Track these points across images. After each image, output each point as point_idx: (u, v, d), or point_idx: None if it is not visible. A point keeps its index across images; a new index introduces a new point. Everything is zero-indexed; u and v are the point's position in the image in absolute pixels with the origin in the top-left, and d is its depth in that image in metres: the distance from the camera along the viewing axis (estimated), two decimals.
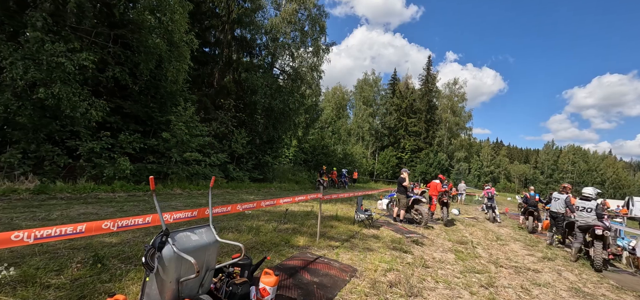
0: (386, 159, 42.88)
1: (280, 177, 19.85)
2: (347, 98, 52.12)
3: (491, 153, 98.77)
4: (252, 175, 16.50)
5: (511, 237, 8.93)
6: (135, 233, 4.72)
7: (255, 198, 10.27)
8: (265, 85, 16.66)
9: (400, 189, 8.62)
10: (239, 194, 11.09)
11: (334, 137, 31.53)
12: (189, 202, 8.02)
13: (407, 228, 7.94)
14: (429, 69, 48.16)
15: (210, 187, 2.99)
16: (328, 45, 21.17)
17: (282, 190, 14.68)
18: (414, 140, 44.25)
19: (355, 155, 35.01)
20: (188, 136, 11.09)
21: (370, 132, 45.39)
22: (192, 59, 17.73)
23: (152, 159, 10.67)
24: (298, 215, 7.71)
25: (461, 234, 8.31)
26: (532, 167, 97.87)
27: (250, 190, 12.97)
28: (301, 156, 27.11)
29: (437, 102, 48.42)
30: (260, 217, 7.05)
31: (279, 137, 18.32)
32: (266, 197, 11.43)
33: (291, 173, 22.79)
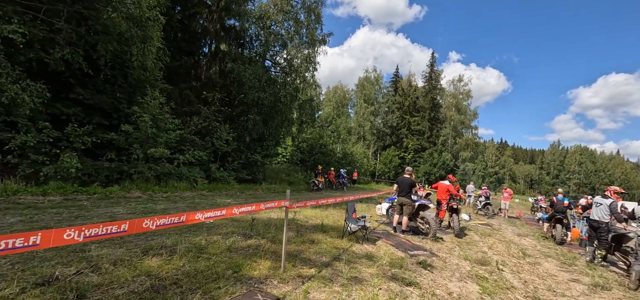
0: (388, 158, 41.17)
1: (273, 178, 18.27)
2: (348, 97, 50.52)
3: (496, 153, 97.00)
4: (239, 176, 14.93)
5: (539, 251, 7.27)
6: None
7: (231, 202, 8.70)
8: (253, 76, 15.10)
9: (404, 192, 7.01)
10: (215, 197, 9.52)
11: (333, 136, 29.92)
12: (137, 208, 6.46)
13: (411, 242, 6.31)
14: (432, 66, 46.41)
15: None
16: (324, 36, 19.61)
17: (270, 193, 13.10)
18: (417, 140, 42.50)
19: (356, 155, 33.35)
20: (154, 130, 9.54)
21: (372, 131, 43.69)
22: (176, 49, 16.38)
23: (112, 156, 9.14)
24: (272, 225, 6.12)
25: (478, 248, 6.67)
26: (538, 168, 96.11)
27: (231, 192, 11.40)
28: (298, 155, 25.54)
29: (441, 101, 46.61)
30: (222, 228, 5.47)
31: (270, 134, 16.76)
32: (248, 201, 9.85)
33: (286, 173, 21.22)
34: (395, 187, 7.37)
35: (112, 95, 10.59)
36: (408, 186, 7.02)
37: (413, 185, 7.10)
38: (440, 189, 8.28)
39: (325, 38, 19.65)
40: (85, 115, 10.26)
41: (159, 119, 9.81)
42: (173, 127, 10.50)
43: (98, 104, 10.41)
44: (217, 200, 8.84)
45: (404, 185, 7.03)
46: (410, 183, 7.04)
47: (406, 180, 7.07)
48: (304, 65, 17.55)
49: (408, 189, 7.01)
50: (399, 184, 7.12)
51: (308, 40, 18.29)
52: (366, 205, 11.41)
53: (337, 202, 9.38)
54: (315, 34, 18.37)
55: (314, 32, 18.33)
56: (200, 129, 13.75)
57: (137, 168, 9.27)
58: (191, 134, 13.76)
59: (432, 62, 46.73)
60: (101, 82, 10.64)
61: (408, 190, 7.01)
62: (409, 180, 7.09)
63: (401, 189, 7.04)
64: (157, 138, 9.61)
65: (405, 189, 7.01)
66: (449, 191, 8.17)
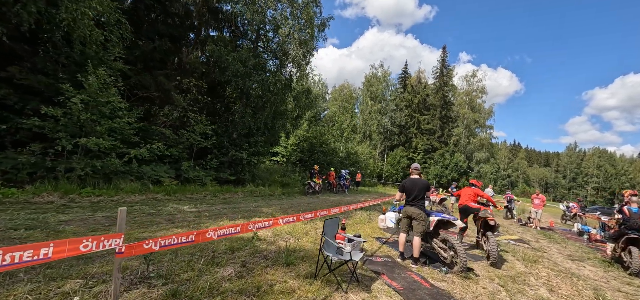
0: (396, 159, 38.61)
1: (265, 179, 16.13)
2: (354, 96, 48.25)
3: (508, 156, 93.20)
4: (219, 176, 12.82)
5: (617, 289, 4.85)
6: None
7: (175, 210, 6.55)
8: (237, 61, 12.99)
9: (414, 200, 4.72)
10: (170, 202, 7.38)
11: (334, 132, 27.63)
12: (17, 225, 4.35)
13: (427, 281, 4.01)
14: (443, 61, 43.64)
15: None
16: (323, 20, 17.44)
17: (251, 197, 10.92)
18: (427, 139, 39.80)
19: (361, 155, 30.96)
20: (90, 115, 7.47)
21: (379, 130, 41.20)
22: (154, 32, 14.42)
23: (33, 148, 7.10)
24: (206, 253, 3.92)
25: (531, 286, 4.31)
26: (554, 171, 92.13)
27: (198, 196, 9.26)
28: (297, 154, 23.33)
29: (453, 98, 43.76)
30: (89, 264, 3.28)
31: (258, 129, 14.62)
32: (210, 210, 7.69)
33: (280, 174, 19.04)
34: (398, 195, 5.10)
35: (54, 76, 8.63)
36: (420, 190, 4.73)
37: (427, 188, 4.81)
38: (464, 197, 5.97)
39: (324, 22, 17.47)
40: (19, 99, 8.33)
41: (100, 103, 7.73)
42: (122, 114, 8.41)
43: (33, 85, 8.46)
44: (163, 208, 6.69)
45: (415, 189, 4.74)
46: (423, 186, 4.75)
47: (417, 182, 4.78)
48: (299, 52, 15.35)
49: (420, 194, 4.72)
50: (406, 189, 4.84)
51: (305, 21, 16.13)
52: (367, 215, 9.12)
53: (336, 213, 6.95)
54: (312, 16, 16.18)
55: (311, 13, 16.14)
56: (171, 120, 11.71)
57: (66, 164, 7.21)
58: (163, 126, 11.75)
59: (443, 57, 43.97)
60: (41, 60, 8.71)
61: (420, 197, 4.72)
62: (420, 181, 4.80)
63: (410, 195, 4.77)
64: (95, 126, 7.54)
65: (416, 195, 4.72)
66: (478, 196, 5.85)
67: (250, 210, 7.74)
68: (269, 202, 9.93)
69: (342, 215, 7.53)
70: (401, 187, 4.96)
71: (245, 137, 14.43)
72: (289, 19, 15.86)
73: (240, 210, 7.50)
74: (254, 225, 3.45)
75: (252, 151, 14.36)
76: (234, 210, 7.49)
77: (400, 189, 4.99)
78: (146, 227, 4.88)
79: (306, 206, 9.76)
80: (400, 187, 4.97)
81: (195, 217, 6.05)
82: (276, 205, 9.11)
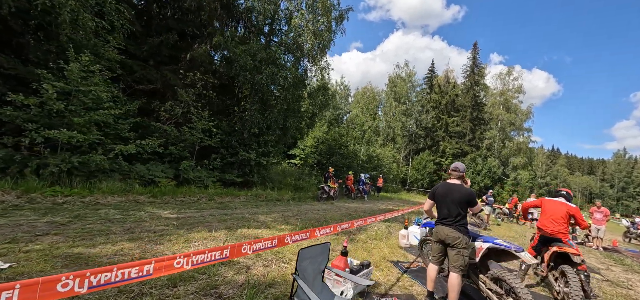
0: (421, 164, 36.10)
1: (277, 182, 14.98)
2: (378, 99, 46.32)
3: (546, 162, 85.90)
4: (224, 177, 11.80)
5: None
6: None
7: (146, 218, 5.42)
8: (245, 53, 11.98)
9: (449, 216, 3.17)
10: (140, 208, 6.30)
11: (355, 134, 26.03)
12: None
13: None
14: (474, 59, 40.44)
15: None
16: (342, 12, 16.09)
17: (254, 202, 9.72)
18: (457, 143, 36.85)
19: (383, 159, 29.05)
20: (67, 106, 6.62)
21: (403, 133, 38.90)
22: (163, 27, 13.88)
23: (4, 141, 6.35)
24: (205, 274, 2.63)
25: None
26: (599, 180, 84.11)
27: (191, 199, 8.18)
28: (315, 157, 22.05)
29: (485, 99, 40.36)
30: None
31: (268, 127, 13.49)
32: (196, 218, 6.55)
33: (295, 177, 17.81)
34: (427, 204, 3.56)
35: (44, 64, 8.00)
36: (458, 203, 3.16)
37: (470, 202, 3.20)
38: (548, 210, 4.17)
39: (342, 14, 16.10)
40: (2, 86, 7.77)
41: (81, 92, 6.89)
42: (109, 106, 7.54)
43: (20, 74, 7.87)
44: (133, 214, 5.59)
45: (450, 200, 3.19)
46: (463, 197, 3.17)
47: (455, 189, 3.23)
48: (314, 43, 14.05)
49: (459, 209, 3.15)
50: (438, 197, 3.31)
51: (321, 13, 14.88)
52: (386, 228, 7.51)
53: (353, 228, 5.30)
54: (329, 6, 14.88)
55: (328, 4, 14.83)
56: (174, 116, 10.87)
57: (40, 159, 6.39)
58: (167, 123, 10.95)
59: (474, 55, 40.78)
60: (32, 48, 8.14)
61: (459, 214, 3.15)
62: (460, 190, 3.23)
63: (444, 208, 3.23)
64: (74, 115, 6.67)
65: (452, 210, 3.17)
66: (574, 217, 4.01)
67: (243, 218, 6.49)
68: (272, 208, 8.65)
69: (346, 235, 6.05)
70: (431, 194, 3.43)
71: (256, 137, 13.36)
72: (304, 10, 14.70)
73: (230, 218, 6.28)
74: (212, 253, 2.12)
75: (261, 151, 13.24)
76: (224, 217, 6.27)
77: (430, 196, 3.45)
78: (84, 240, 3.74)
79: (313, 215, 8.36)
80: (431, 195, 3.44)
81: (165, 227, 4.88)
82: (278, 213, 7.81)
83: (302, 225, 6.38)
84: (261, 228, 5.65)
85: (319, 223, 6.98)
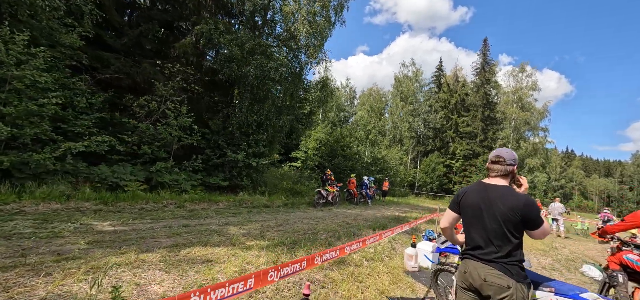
0: (430, 166, 34.29)
1: (273, 186, 13.63)
2: (384, 100, 44.73)
3: (560, 164, 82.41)
4: (207, 181, 10.51)
5: None
6: None
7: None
8: (231, 43, 10.74)
9: (487, 241, 1.71)
10: (71, 219, 5.00)
11: (358, 134, 24.57)
12: None
13: None
14: (485, 56, 38.58)
15: None
16: (341, 0, 14.77)
17: (233, 209, 8.35)
18: (467, 144, 34.95)
19: (389, 161, 27.45)
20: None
21: (410, 134, 37.17)
22: (147, 18, 12.80)
23: None
24: None
25: None
26: (617, 182, 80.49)
27: (150, 208, 6.85)
28: (315, 159, 20.66)
29: (497, 97, 38.34)
30: None
31: (259, 125, 12.18)
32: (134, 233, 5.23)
33: (294, 180, 16.44)
34: (447, 219, 2.03)
35: None
36: (508, 223, 1.65)
37: (531, 219, 1.67)
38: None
39: (342, 3, 14.77)
40: None
41: (15, 77, 5.67)
42: (55, 95, 6.31)
43: None
44: (54, 227, 4.29)
45: (491, 216, 1.71)
46: (518, 212, 1.64)
47: (500, 196, 1.73)
48: (310, 33, 12.71)
49: (508, 234, 1.66)
50: (466, 211, 1.87)
51: (319, 3, 13.57)
52: (389, 242, 6.02)
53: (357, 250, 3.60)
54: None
55: None
56: (149, 111, 9.64)
57: None
58: (144, 119, 9.74)
59: (484, 52, 38.93)
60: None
61: (508, 241, 1.67)
62: (510, 196, 1.71)
63: (476, 232, 1.78)
64: (5, 105, 5.45)
65: (493, 233, 1.69)
66: None
67: (206, 231, 5.13)
68: (253, 217, 7.27)
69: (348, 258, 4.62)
70: (454, 202, 1.99)
71: (245, 136, 12.06)
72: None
73: (188, 232, 4.92)
74: None
75: (251, 152, 11.93)
76: (180, 231, 4.93)
77: (452, 205, 2.01)
78: None
79: (300, 225, 6.93)
80: (453, 203, 2.00)
81: (87, 245, 3.56)
82: (257, 223, 6.42)
83: (279, 241, 4.98)
84: (220, 247, 4.27)
85: (304, 237, 5.56)
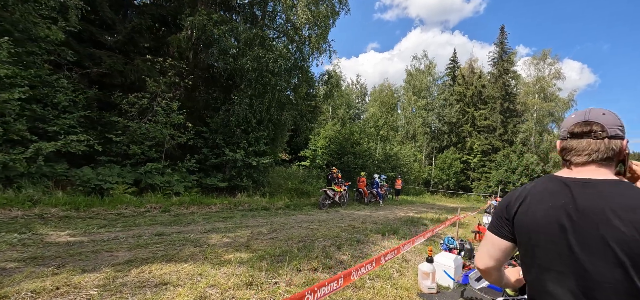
0: (446, 163, 32.67)
1: (277, 187, 12.87)
2: (396, 97, 43.23)
3: None
4: (204, 181, 9.83)
5: None
6: None
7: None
8: (226, 34, 10.02)
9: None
10: (24, 228, 4.33)
11: (369, 130, 23.48)
12: None
13: None
14: (502, 45, 36.46)
15: None
16: None
17: (225, 213, 7.57)
18: (486, 138, 33.07)
19: (402, 157, 26.18)
20: None
21: (424, 130, 35.61)
22: (139, 16, 12.32)
23: None
24: None
25: None
26: None
27: (128, 213, 6.15)
28: (324, 157, 19.74)
29: (517, 89, 36.13)
30: None
31: (260, 122, 11.41)
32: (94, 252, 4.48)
33: (300, 180, 15.61)
34: (491, 254, 0.97)
35: None
36: (629, 260, 0.64)
37: None
38: None
39: None
40: None
41: None
42: (21, 90, 5.72)
43: None
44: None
45: (583, 248, 0.71)
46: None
47: (601, 202, 0.72)
48: (309, 17, 11.80)
49: (627, 278, 0.65)
50: (528, 235, 0.85)
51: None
52: (402, 258, 5.06)
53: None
54: None
55: None
56: (137, 109, 9.03)
57: None
58: (136, 118, 9.15)
59: (502, 40, 36.79)
60: None
61: (631, 295, 0.64)
62: (631, 194, 0.69)
63: (550, 283, 0.77)
64: None
65: (594, 277, 0.69)
66: None
67: (182, 241, 4.35)
68: (246, 222, 6.46)
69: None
70: (501, 220, 0.96)
71: (245, 133, 11.33)
72: None
73: (158, 243, 4.16)
74: None
75: (251, 150, 11.18)
76: (150, 241, 4.17)
77: (497, 225, 0.96)
78: None
79: (298, 230, 6.05)
80: (498, 222, 0.96)
81: (16, 264, 2.82)
82: (249, 229, 5.60)
83: (265, 252, 4.12)
84: (188, 262, 3.45)
85: (298, 246, 4.67)
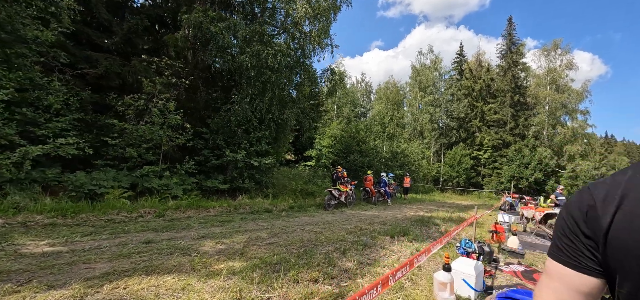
0: (456, 159, 31.82)
1: (279, 187, 12.48)
2: (402, 94, 42.48)
3: (600, 151, 75.43)
4: (204, 184, 9.50)
5: None
6: None
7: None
8: (224, 31, 9.67)
9: None
10: (11, 237, 4.01)
11: (374, 128, 22.93)
12: None
13: None
14: (511, 36, 35.47)
15: None
16: None
17: (223, 217, 7.19)
18: (496, 133, 32.12)
19: (410, 155, 25.53)
20: None
21: (432, 126, 34.82)
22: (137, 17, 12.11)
23: None
24: None
25: None
26: None
27: (119, 220, 5.81)
28: (330, 156, 19.29)
29: (526, 81, 34.99)
30: None
31: (261, 121, 11.03)
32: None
33: (305, 180, 15.20)
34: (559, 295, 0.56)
35: None
36: None
37: None
38: None
39: None
40: None
41: None
42: (5, 90, 5.44)
43: None
44: None
45: None
46: None
47: None
48: (308, 11, 11.36)
49: None
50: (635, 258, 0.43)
51: None
52: (411, 255, 4.57)
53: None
54: None
55: None
56: (134, 110, 8.74)
57: None
58: (133, 120, 8.87)
59: (510, 32, 35.81)
60: None
61: None
62: None
63: None
64: None
65: None
66: None
67: (172, 249, 3.97)
68: (245, 225, 6.06)
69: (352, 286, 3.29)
70: (577, 237, 0.55)
71: (246, 133, 10.97)
72: None
73: (144, 252, 3.79)
74: None
75: (253, 151, 10.81)
76: (135, 250, 3.81)
77: (570, 253, 0.56)
78: None
79: (300, 234, 5.62)
80: (573, 244, 0.55)
81: None
82: (247, 234, 5.20)
83: (262, 260, 3.70)
84: (171, 274, 3.06)
85: (298, 252, 4.25)
